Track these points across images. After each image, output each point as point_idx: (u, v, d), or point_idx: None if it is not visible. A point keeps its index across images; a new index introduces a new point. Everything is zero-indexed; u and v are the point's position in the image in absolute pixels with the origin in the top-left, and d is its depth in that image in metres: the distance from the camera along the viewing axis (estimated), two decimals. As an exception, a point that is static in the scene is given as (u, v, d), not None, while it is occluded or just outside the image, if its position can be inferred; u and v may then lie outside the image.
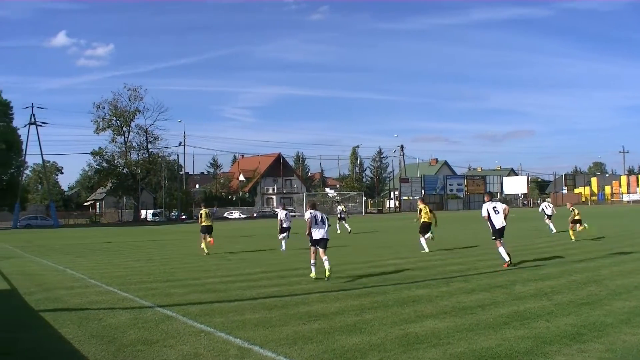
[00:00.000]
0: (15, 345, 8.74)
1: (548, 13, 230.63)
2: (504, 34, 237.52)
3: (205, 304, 11.72)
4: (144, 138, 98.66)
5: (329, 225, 15.77)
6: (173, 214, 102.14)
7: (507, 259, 16.73)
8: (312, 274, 15.50)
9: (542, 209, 33.26)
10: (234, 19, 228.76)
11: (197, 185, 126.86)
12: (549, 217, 32.94)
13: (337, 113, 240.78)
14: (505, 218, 17.11)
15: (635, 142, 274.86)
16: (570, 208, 27.41)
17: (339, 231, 36.80)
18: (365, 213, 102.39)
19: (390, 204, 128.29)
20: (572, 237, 25.81)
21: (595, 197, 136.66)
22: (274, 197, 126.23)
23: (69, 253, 27.40)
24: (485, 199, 18.06)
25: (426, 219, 22.00)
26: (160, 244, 33.04)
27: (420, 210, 22.42)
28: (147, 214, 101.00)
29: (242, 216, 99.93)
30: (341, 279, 15.06)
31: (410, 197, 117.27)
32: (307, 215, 15.69)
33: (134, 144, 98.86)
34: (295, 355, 7.79)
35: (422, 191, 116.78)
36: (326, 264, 15.15)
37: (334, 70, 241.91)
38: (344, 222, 38.60)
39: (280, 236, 25.19)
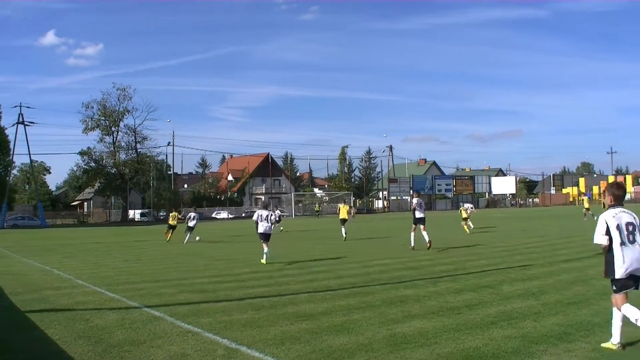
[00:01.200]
0: (9, 346, 8.70)
1: (542, 13, 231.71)
2: (495, 33, 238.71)
3: (193, 305, 11.69)
4: (133, 138, 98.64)
5: (276, 221, 18.65)
6: (161, 214, 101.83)
7: (412, 244, 21.34)
8: (263, 260, 19.67)
9: (462, 210, 35.23)
10: (225, 20, 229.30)
11: (185, 185, 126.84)
12: (465, 219, 34.96)
13: (327, 113, 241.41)
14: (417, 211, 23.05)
15: (623, 142, 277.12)
16: (461, 209, 32.60)
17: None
18: (353, 214, 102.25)
19: (379, 204, 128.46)
20: (467, 231, 33.04)
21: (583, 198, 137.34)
22: (263, 197, 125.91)
23: (57, 253, 27.31)
24: (415, 195, 23.51)
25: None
26: (148, 244, 32.98)
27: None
28: (135, 214, 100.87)
29: (230, 216, 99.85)
30: (329, 279, 15.08)
31: (399, 197, 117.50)
32: (255, 215, 20.70)
33: (123, 143, 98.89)
34: (282, 355, 7.78)
35: (411, 191, 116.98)
36: (265, 250, 19.89)
37: (324, 71, 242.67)
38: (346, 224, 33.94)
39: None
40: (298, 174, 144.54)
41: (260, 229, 20.02)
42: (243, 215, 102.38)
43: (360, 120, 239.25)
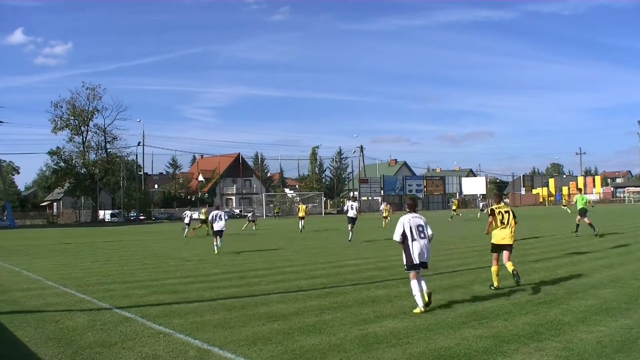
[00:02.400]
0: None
1: (511, 15, 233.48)
2: (466, 35, 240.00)
3: (164, 305, 11.63)
4: (103, 138, 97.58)
5: (225, 220, 25.10)
6: (131, 214, 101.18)
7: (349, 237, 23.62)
8: (215, 251, 23.86)
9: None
10: (195, 19, 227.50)
11: (155, 186, 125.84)
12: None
13: (298, 114, 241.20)
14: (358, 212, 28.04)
15: (592, 143, 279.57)
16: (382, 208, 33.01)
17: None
18: (324, 214, 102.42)
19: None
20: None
21: (552, 198, 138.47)
22: (234, 197, 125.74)
23: (26, 254, 27.00)
24: (350, 197, 23.45)
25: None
26: (118, 245, 32.71)
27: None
28: (105, 214, 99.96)
29: (202, 217, 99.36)
30: (301, 280, 15.08)
31: (370, 198, 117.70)
32: (210, 216, 25.76)
33: (92, 143, 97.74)
34: (254, 356, 7.77)
35: (382, 192, 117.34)
36: (217, 243, 24.30)
37: (295, 71, 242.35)
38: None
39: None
40: (269, 174, 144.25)
41: (217, 227, 24.57)
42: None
43: (330, 120, 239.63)
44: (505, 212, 12.62)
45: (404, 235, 10.42)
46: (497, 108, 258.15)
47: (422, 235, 10.43)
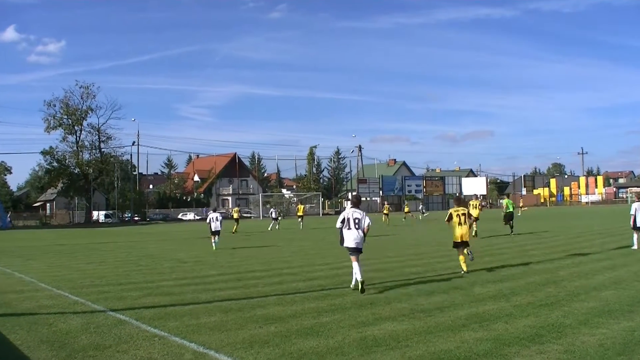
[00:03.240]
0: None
1: (512, 13, 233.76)
2: (467, 34, 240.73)
3: (159, 308, 11.61)
4: (97, 137, 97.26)
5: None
6: (126, 215, 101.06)
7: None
8: (214, 248, 26.81)
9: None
10: (192, 17, 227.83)
11: (150, 186, 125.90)
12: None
13: (295, 113, 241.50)
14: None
15: (593, 143, 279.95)
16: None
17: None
18: (322, 214, 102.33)
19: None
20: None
21: (554, 199, 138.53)
22: (230, 197, 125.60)
23: (18, 255, 26.98)
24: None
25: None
26: (113, 246, 32.70)
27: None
28: (99, 215, 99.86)
29: (197, 217, 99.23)
30: (298, 281, 15.08)
31: (368, 198, 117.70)
32: (208, 217, 29.11)
33: (86, 143, 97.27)
34: (251, 359, 7.76)
35: (381, 192, 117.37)
36: (215, 241, 27.52)
37: (292, 70, 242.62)
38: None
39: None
40: (266, 174, 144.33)
41: (213, 228, 27.88)
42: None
43: (328, 120, 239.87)
44: (462, 214, 15.78)
45: (343, 222, 13.28)
46: (497, 107, 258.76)
47: (357, 226, 13.11)
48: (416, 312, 10.44)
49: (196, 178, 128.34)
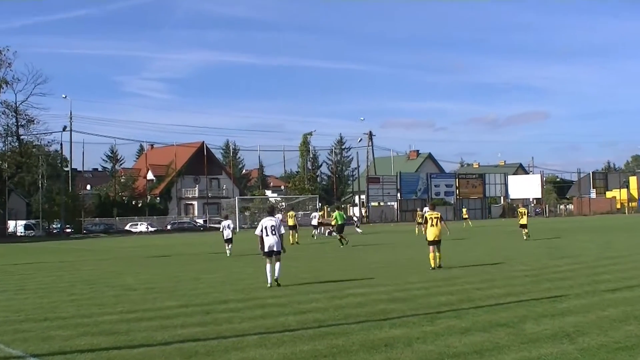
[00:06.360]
0: None
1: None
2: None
3: (98, 352, 11.60)
4: (14, 120, 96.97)
5: (232, 229, 34.11)
6: (54, 226, 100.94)
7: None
8: (227, 254, 35.06)
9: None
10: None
11: (88, 187, 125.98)
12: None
13: (282, 88, 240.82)
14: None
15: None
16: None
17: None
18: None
19: (355, 211, 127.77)
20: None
21: (634, 203, 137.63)
22: (196, 202, 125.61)
23: None
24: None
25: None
26: (35, 268, 32.70)
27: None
28: (17, 226, 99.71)
29: (151, 229, 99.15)
30: (287, 315, 15.07)
31: (382, 203, 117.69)
32: (221, 226, 36.05)
33: (0, 127, 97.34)
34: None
35: (398, 195, 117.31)
36: (229, 248, 35.51)
37: (277, 31, 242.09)
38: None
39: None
40: (244, 170, 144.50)
41: (225, 236, 35.85)
42: (169, 227, 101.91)
43: (326, 99, 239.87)
44: (435, 217, 24.65)
45: (261, 231, 20.43)
46: (551, 81, 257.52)
47: (273, 232, 20.36)
48: (447, 356, 10.44)
49: (150, 176, 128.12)
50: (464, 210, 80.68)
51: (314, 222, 57.65)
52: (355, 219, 75.21)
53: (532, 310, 14.75)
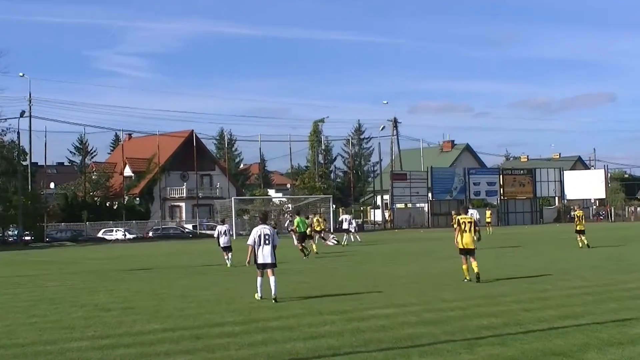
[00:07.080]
0: None
1: None
2: None
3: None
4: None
5: (231, 234, 32.98)
6: (10, 233, 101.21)
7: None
8: (227, 265, 36.37)
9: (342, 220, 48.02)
10: None
11: (52, 185, 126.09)
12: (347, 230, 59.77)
13: (287, 65, 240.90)
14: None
15: None
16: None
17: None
18: (334, 229, 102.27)
19: (377, 215, 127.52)
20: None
21: None
22: (183, 204, 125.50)
23: None
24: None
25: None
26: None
27: None
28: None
29: (129, 236, 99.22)
30: (295, 341, 15.07)
31: (410, 205, 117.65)
32: (216, 231, 37.55)
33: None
34: None
35: (429, 193, 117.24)
36: (228, 257, 36.64)
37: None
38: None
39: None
40: (242, 165, 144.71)
41: (222, 243, 37.06)
42: (151, 234, 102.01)
43: (339, 78, 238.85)
44: (469, 222, 24.80)
45: (254, 241, 21.53)
46: (618, 56, 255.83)
47: (267, 242, 21.44)
48: (490, 392, 10.43)
49: (127, 172, 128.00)
50: (488, 212, 79.51)
51: (345, 225, 59.80)
52: (352, 222, 68.05)
53: (595, 336, 14.73)
